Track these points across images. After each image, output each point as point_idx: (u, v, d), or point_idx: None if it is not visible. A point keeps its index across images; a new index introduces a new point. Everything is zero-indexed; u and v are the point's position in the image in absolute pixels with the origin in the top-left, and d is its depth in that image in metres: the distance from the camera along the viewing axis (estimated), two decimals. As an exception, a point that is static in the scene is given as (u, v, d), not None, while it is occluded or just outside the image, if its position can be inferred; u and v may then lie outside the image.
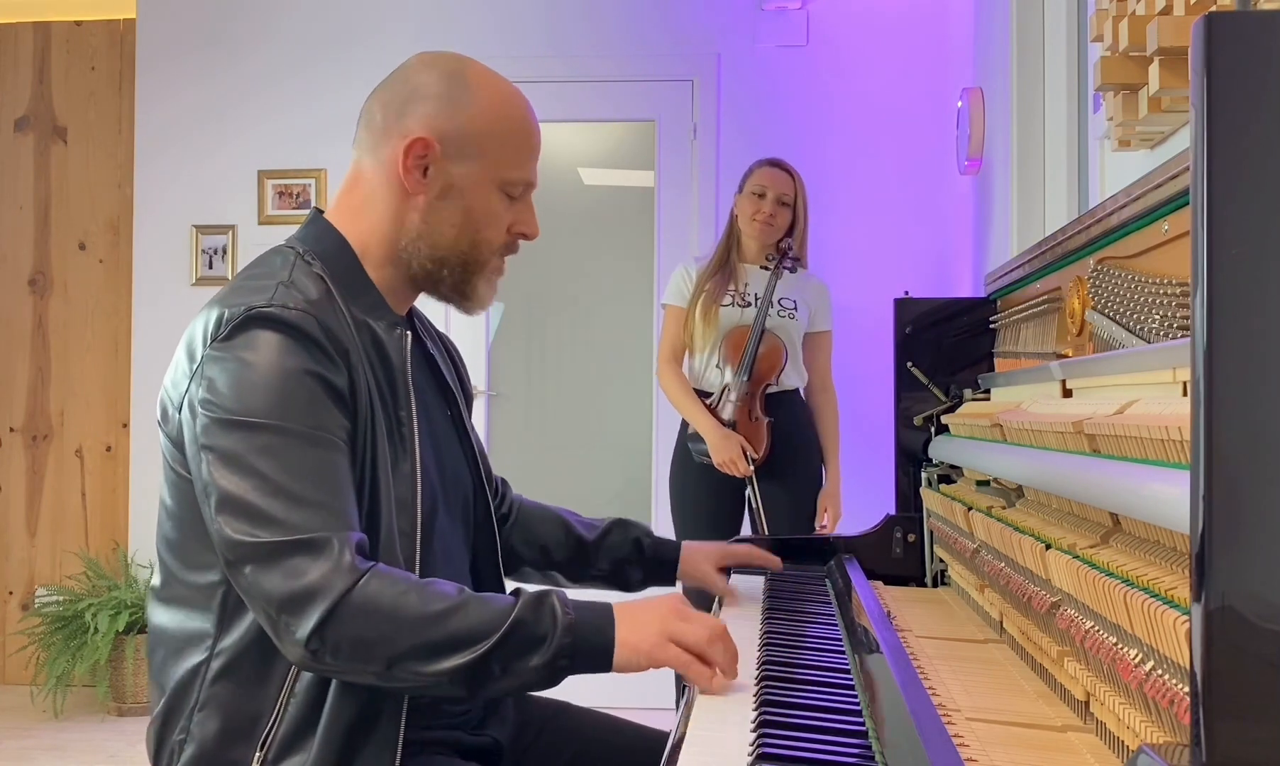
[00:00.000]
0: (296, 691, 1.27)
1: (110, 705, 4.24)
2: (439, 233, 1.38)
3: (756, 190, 3.33)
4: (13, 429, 4.74)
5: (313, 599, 1.17)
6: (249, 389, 1.23)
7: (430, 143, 1.35)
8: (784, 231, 3.32)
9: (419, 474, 1.36)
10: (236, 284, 1.34)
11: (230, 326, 1.26)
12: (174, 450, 1.31)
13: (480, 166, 1.37)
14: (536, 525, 1.72)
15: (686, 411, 3.30)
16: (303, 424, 1.23)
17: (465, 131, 1.36)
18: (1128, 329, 1.25)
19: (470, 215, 1.38)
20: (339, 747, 1.26)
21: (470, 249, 1.39)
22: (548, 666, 1.21)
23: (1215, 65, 0.66)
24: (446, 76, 1.38)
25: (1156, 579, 0.93)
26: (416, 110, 1.37)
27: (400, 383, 1.37)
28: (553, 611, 1.22)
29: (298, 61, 4.51)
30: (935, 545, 1.98)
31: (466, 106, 1.37)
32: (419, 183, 1.37)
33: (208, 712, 1.28)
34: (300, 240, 1.40)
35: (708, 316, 3.28)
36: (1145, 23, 1.50)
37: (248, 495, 1.20)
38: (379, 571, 1.21)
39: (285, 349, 1.25)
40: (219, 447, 1.22)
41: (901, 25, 4.28)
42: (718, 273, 3.34)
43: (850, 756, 1.03)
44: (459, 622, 1.20)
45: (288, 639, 1.19)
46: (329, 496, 1.22)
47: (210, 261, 4.54)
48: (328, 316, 1.29)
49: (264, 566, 1.19)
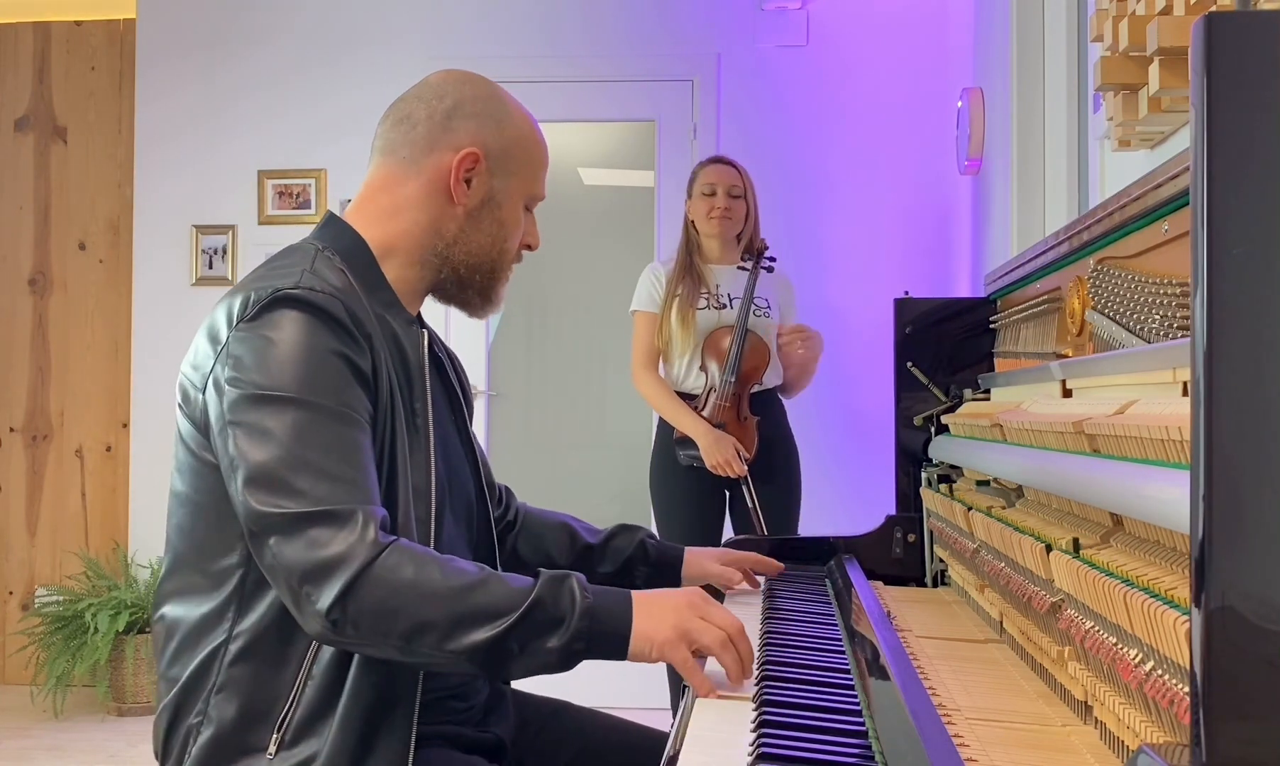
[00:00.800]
0: (314, 674, 1.28)
1: (110, 705, 4.24)
2: (475, 241, 1.45)
3: (706, 190, 3.34)
4: (13, 429, 4.74)
5: (335, 569, 1.18)
6: (276, 365, 1.25)
7: (480, 156, 1.43)
8: (742, 222, 3.34)
9: (434, 463, 1.38)
10: (260, 272, 1.36)
11: (258, 307, 1.28)
12: (195, 433, 1.32)
13: (516, 182, 1.47)
14: (541, 531, 1.73)
15: (672, 415, 3.27)
16: (329, 399, 1.25)
17: (507, 149, 1.46)
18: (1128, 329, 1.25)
19: (504, 227, 1.47)
20: (357, 731, 1.27)
21: (499, 257, 1.48)
22: (564, 649, 1.21)
23: (1215, 65, 0.66)
24: (487, 97, 1.47)
25: (1156, 579, 0.93)
26: (463, 125, 1.44)
27: (417, 376, 1.40)
28: (572, 593, 1.23)
29: (298, 61, 4.51)
30: (935, 545, 1.98)
31: (507, 125, 1.46)
32: (464, 192, 1.43)
33: (226, 695, 1.29)
34: (318, 238, 1.43)
35: (685, 321, 3.27)
36: (1145, 23, 1.50)
37: (274, 467, 1.21)
38: (400, 545, 1.21)
39: (311, 328, 1.27)
40: (246, 421, 1.24)
41: (901, 25, 4.28)
42: (685, 277, 3.33)
43: (850, 756, 1.03)
44: (480, 598, 1.20)
45: (308, 610, 1.19)
46: (353, 471, 1.23)
47: (210, 261, 4.54)
48: (352, 301, 1.32)
49: (287, 537, 1.19)
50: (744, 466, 3.16)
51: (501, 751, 1.48)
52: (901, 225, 4.24)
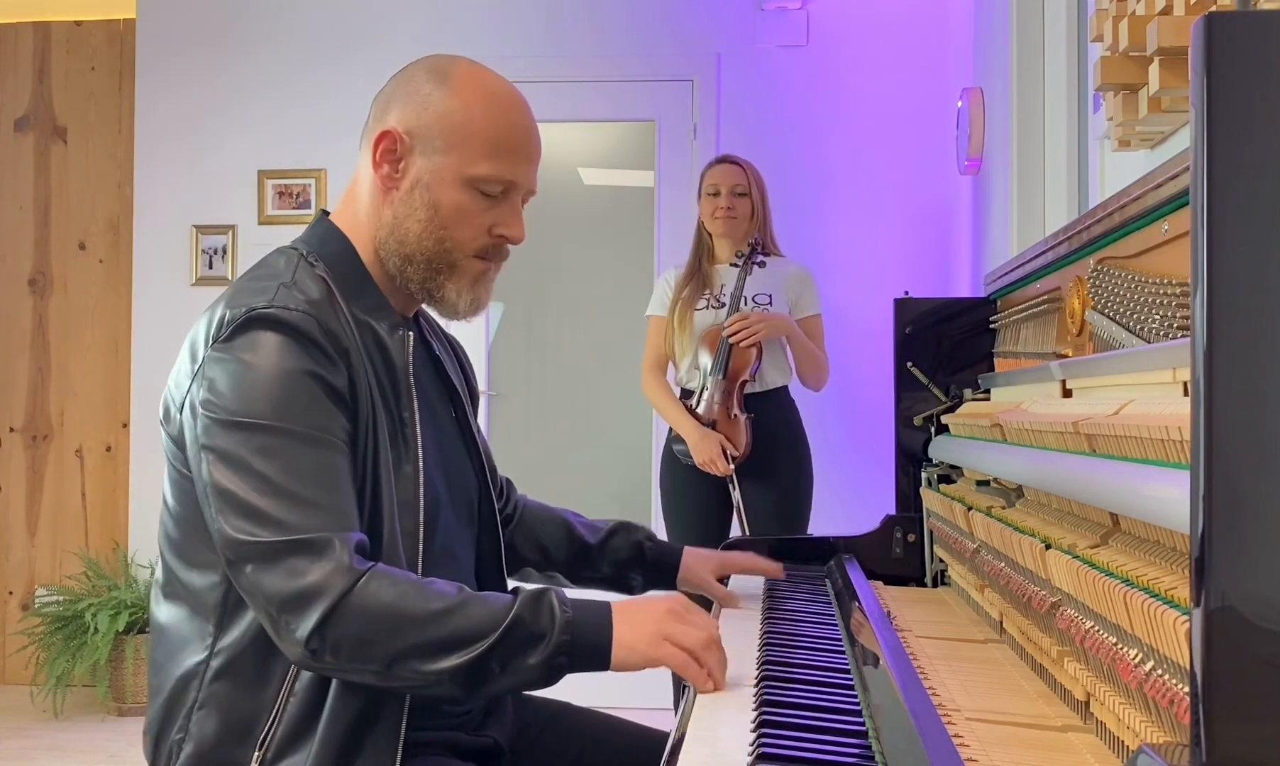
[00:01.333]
0: (296, 691, 1.27)
1: (110, 705, 4.24)
2: (406, 228, 1.37)
3: (710, 190, 3.38)
4: (13, 429, 4.74)
5: (313, 599, 1.17)
6: (249, 389, 1.24)
7: (397, 135, 1.36)
8: (748, 220, 3.36)
9: (421, 475, 1.36)
10: (239, 285, 1.34)
11: (231, 327, 1.26)
12: (175, 450, 1.32)
13: (447, 160, 1.35)
14: (539, 525, 1.73)
15: (668, 415, 3.33)
16: (303, 424, 1.23)
17: (434, 125, 1.35)
18: (1128, 329, 1.25)
19: (436, 210, 1.36)
20: (338, 749, 1.26)
21: (436, 246, 1.37)
22: (546, 664, 1.22)
23: (1215, 65, 0.66)
24: (431, 74, 1.38)
25: (1156, 579, 0.93)
26: (394, 108, 1.38)
27: (403, 383, 1.37)
28: (551, 609, 1.23)
29: (298, 61, 4.51)
30: (935, 545, 1.98)
31: (440, 101, 1.36)
32: (390, 177, 1.37)
33: (206, 712, 1.28)
34: (304, 242, 1.41)
35: (683, 322, 3.33)
36: (1145, 23, 1.50)
37: (249, 495, 1.20)
38: (378, 571, 1.21)
39: (285, 350, 1.25)
40: (220, 448, 1.23)
41: (901, 25, 4.28)
42: (692, 280, 3.38)
43: (850, 756, 1.03)
44: (459, 621, 1.20)
45: (288, 638, 1.19)
46: (329, 497, 1.22)
47: (210, 261, 4.54)
48: (328, 317, 1.30)
49: (265, 566, 1.19)
50: (730, 465, 3.17)
51: (498, 756, 1.47)
52: (901, 225, 4.24)
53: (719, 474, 3.19)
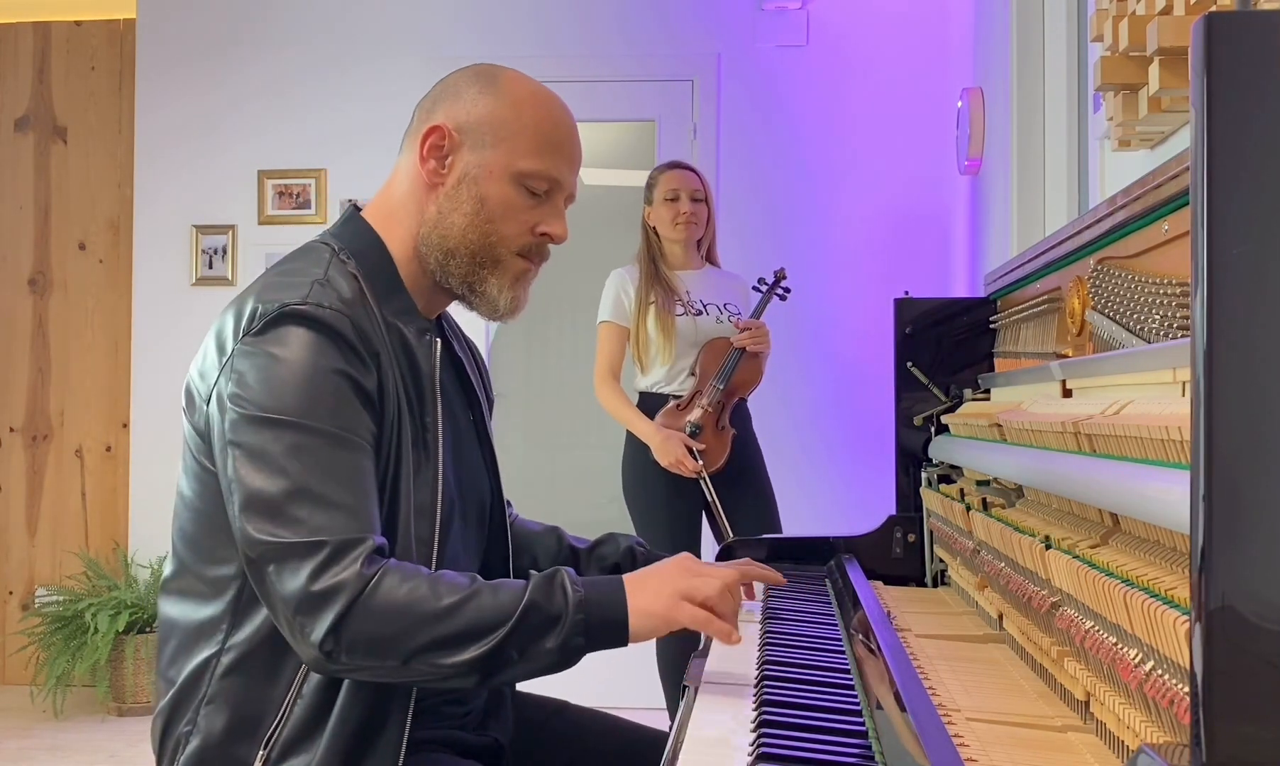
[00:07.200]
0: (305, 692, 1.27)
1: (110, 705, 4.24)
2: (450, 221, 1.37)
3: (669, 195, 3.36)
4: (13, 429, 4.74)
5: (328, 602, 1.17)
6: (279, 386, 1.23)
7: (446, 130, 1.37)
8: (704, 227, 3.38)
9: (440, 482, 1.35)
10: (270, 279, 1.33)
11: (264, 321, 1.26)
12: (198, 440, 1.31)
13: (495, 155, 1.37)
14: (529, 539, 1.72)
15: (629, 422, 3.30)
16: (331, 424, 1.23)
17: (483, 120, 1.37)
18: (1128, 329, 1.25)
19: (483, 204, 1.37)
20: (344, 750, 1.26)
21: (480, 240, 1.38)
22: (563, 646, 1.21)
23: (1215, 65, 0.66)
24: (478, 77, 1.41)
25: (1156, 579, 0.93)
26: (441, 106, 1.39)
27: (428, 390, 1.36)
28: (564, 589, 1.23)
29: (298, 61, 4.50)
30: (935, 545, 1.98)
31: (489, 100, 1.38)
32: (437, 173, 1.38)
33: (215, 706, 1.28)
34: (336, 237, 1.40)
35: (665, 328, 3.28)
36: (1145, 23, 1.50)
37: (273, 494, 1.20)
38: (391, 568, 1.21)
39: (317, 347, 1.25)
40: (246, 444, 1.22)
41: (901, 25, 4.28)
42: (655, 285, 3.33)
43: (850, 756, 1.03)
44: (473, 613, 1.20)
45: (302, 641, 1.19)
46: (353, 499, 1.22)
47: (210, 261, 4.54)
48: (360, 317, 1.29)
49: (283, 566, 1.19)
50: (698, 462, 3.17)
51: (499, 755, 1.48)
52: (902, 225, 4.24)
53: (687, 474, 3.18)
